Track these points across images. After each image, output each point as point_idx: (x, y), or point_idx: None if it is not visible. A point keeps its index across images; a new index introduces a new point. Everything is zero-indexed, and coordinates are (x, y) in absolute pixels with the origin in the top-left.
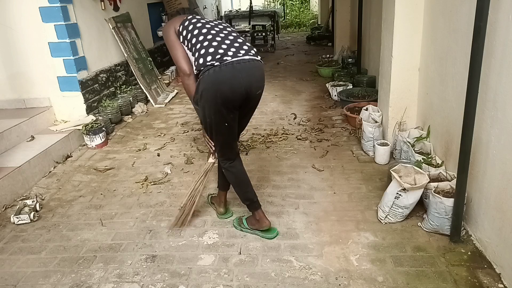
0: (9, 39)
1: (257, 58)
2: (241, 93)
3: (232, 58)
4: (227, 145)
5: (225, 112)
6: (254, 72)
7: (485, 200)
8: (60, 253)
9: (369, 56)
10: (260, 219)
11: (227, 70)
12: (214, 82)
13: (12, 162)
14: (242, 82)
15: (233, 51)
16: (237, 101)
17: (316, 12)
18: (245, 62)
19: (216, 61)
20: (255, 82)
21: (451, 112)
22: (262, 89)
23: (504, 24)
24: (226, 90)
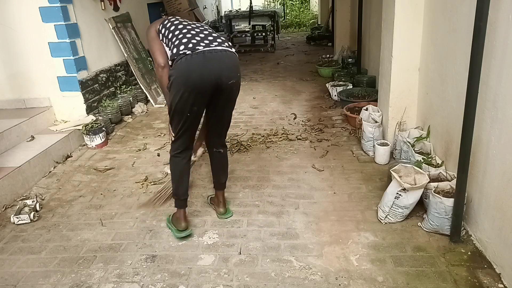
0: (9, 39)
1: (231, 50)
2: (211, 82)
3: (204, 47)
4: (183, 135)
5: (191, 101)
6: (225, 61)
7: (485, 200)
8: (60, 253)
9: (369, 56)
10: (178, 219)
11: (198, 58)
12: (184, 69)
13: (12, 162)
14: (212, 70)
15: (206, 42)
16: (207, 90)
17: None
18: (216, 52)
19: (188, 50)
20: (226, 72)
21: (451, 112)
22: (236, 80)
23: (504, 24)
24: (196, 78)
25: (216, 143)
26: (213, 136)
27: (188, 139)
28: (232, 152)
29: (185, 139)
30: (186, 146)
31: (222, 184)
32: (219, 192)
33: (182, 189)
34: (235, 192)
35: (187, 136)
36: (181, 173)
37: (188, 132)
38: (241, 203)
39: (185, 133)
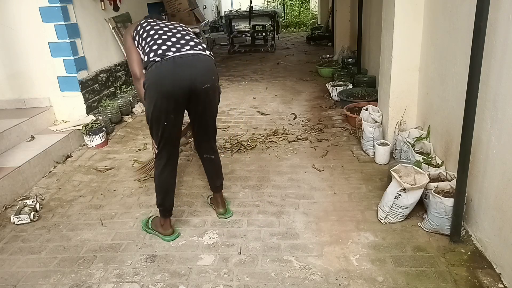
0: (9, 39)
1: (204, 53)
2: (184, 88)
3: (175, 53)
4: (163, 143)
5: (166, 109)
6: (197, 65)
7: (485, 200)
8: (60, 253)
9: (369, 56)
10: (165, 226)
11: (167, 65)
12: (155, 77)
13: (12, 162)
14: (184, 76)
15: (177, 47)
16: (180, 97)
17: (316, 12)
18: (187, 57)
19: (157, 57)
20: (199, 76)
21: (451, 112)
22: (211, 84)
23: (504, 24)
24: (167, 85)
25: (206, 149)
26: (201, 142)
27: (171, 149)
28: (232, 152)
29: (169, 149)
30: (170, 155)
31: (218, 187)
32: (217, 194)
33: (169, 201)
34: (235, 192)
35: (170, 145)
36: (168, 185)
37: (170, 142)
38: (241, 203)
39: (167, 142)
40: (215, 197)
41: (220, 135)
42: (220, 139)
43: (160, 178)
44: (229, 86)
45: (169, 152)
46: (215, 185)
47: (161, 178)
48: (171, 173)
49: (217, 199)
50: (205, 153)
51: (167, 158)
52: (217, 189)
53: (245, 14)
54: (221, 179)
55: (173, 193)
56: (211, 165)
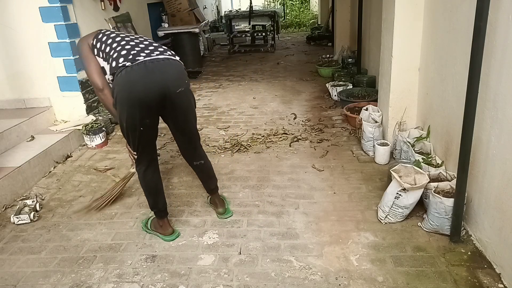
0: (9, 39)
1: (174, 58)
2: (156, 93)
3: (145, 57)
4: (141, 148)
5: (140, 115)
6: (168, 70)
7: (485, 200)
8: (60, 253)
9: (369, 56)
10: (164, 226)
11: (139, 70)
12: (125, 82)
13: (12, 162)
14: (156, 80)
15: (147, 52)
16: (154, 102)
17: (316, 12)
18: (158, 61)
19: (127, 62)
20: (171, 81)
21: (451, 112)
22: (184, 88)
23: (504, 24)
24: (139, 90)
25: (193, 157)
26: (187, 151)
27: (151, 151)
28: (232, 152)
29: (148, 152)
30: (151, 158)
31: (213, 190)
32: (214, 195)
33: (161, 201)
34: (235, 192)
35: (149, 148)
36: (156, 186)
37: (149, 145)
38: (241, 203)
39: (145, 146)
40: (213, 198)
41: (220, 135)
42: (220, 139)
43: (145, 182)
44: (229, 86)
45: (149, 155)
46: (209, 188)
47: (146, 182)
48: (154, 174)
49: (215, 199)
50: (194, 160)
51: (148, 161)
52: (212, 191)
53: (245, 14)
54: (215, 181)
55: (163, 193)
56: (203, 171)
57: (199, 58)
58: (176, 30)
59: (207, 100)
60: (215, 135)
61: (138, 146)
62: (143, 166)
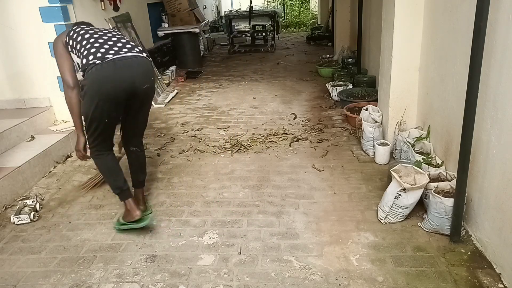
0: (9, 39)
1: (142, 55)
2: (125, 89)
3: (114, 55)
4: (102, 141)
5: (108, 108)
6: (136, 67)
7: (485, 200)
8: (60, 253)
9: (369, 56)
10: (131, 210)
11: (108, 67)
12: (96, 79)
13: (12, 162)
14: (124, 77)
15: (115, 49)
16: (122, 97)
17: (316, 12)
18: (127, 59)
19: (97, 60)
20: (138, 78)
21: (451, 112)
22: (150, 84)
23: (504, 24)
24: (109, 87)
25: (133, 142)
26: (129, 135)
27: (109, 140)
28: (232, 152)
29: (106, 140)
30: (110, 146)
31: (141, 182)
32: (138, 190)
33: (120, 180)
34: (235, 192)
35: (111, 138)
36: (114, 166)
37: (111, 135)
38: (241, 203)
39: (109, 136)
40: (136, 194)
41: (220, 135)
42: (220, 139)
43: (107, 165)
44: (229, 86)
45: (109, 143)
46: (138, 179)
47: (108, 165)
48: (109, 156)
49: (138, 196)
50: (132, 146)
51: (108, 148)
52: (139, 184)
53: (245, 14)
54: (145, 175)
55: (122, 173)
56: (137, 159)
57: (199, 58)
58: (176, 30)
59: (207, 100)
60: (215, 135)
61: (100, 135)
62: (105, 152)
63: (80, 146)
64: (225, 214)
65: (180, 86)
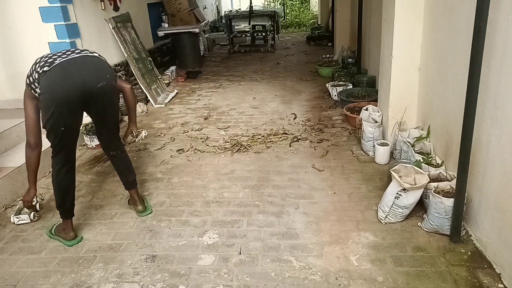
0: (9, 39)
1: (91, 54)
2: (77, 90)
3: (62, 59)
4: (59, 148)
5: (64, 115)
6: (86, 66)
7: (485, 200)
8: (60, 253)
9: (369, 56)
10: (66, 229)
11: (56, 71)
12: (47, 85)
13: (12, 162)
14: (75, 78)
15: (63, 55)
16: (75, 100)
17: (316, 12)
18: (75, 59)
19: (46, 66)
20: (89, 76)
21: (451, 112)
22: (106, 82)
23: (504, 24)
24: (59, 91)
25: (111, 147)
26: (105, 141)
27: (69, 153)
28: (232, 152)
29: (66, 153)
30: (67, 159)
31: (131, 183)
32: (132, 191)
33: (69, 201)
34: (235, 192)
35: (68, 150)
36: (67, 185)
37: (68, 146)
38: (241, 203)
39: (64, 147)
40: (132, 195)
41: (220, 135)
42: (220, 139)
43: (57, 180)
44: (229, 86)
45: (66, 155)
46: (127, 180)
47: (58, 180)
48: (67, 174)
49: (134, 196)
50: (111, 150)
51: (64, 161)
52: (130, 185)
53: (245, 14)
54: (134, 175)
55: (73, 194)
56: (120, 162)
57: (199, 58)
58: (176, 30)
59: (207, 100)
60: (215, 135)
61: (57, 145)
62: (57, 165)
63: (28, 198)
64: (225, 214)
65: (180, 86)
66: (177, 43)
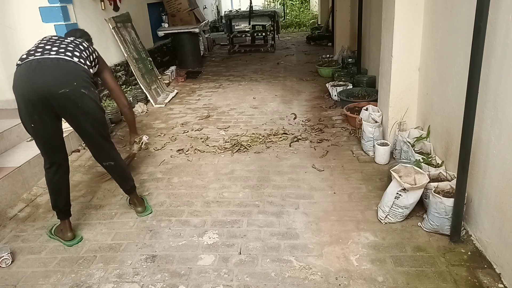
0: (9, 39)
1: (67, 58)
2: (37, 91)
3: (35, 57)
4: (41, 147)
5: (27, 110)
6: (53, 69)
7: (485, 200)
8: (60, 253)
9: (369, 56)
10: (64, 230)
11: (23, 68)
12: (14, 80)
13: (12, 162)
14: (35, 79)
15: (41, 51)
16: (36, 100)
17: (316, 12)
18: (46, 61)
19: (19, 60)
20: (52, 80)
21: (451, 112)
22: (70, 89)
23: (504, 24)
24: (20, 88)
25: (99, 157)
26: (92, 150)
27: (52, 154)
28: (232, 152)
29: (48, 154)
30: (53, 160)
31: (128, 190)
32: (131, 196)
33: (62, 201)
34: (235, 192)
35: (49, 151)
36: (57, 186)
37: (48, 147)
38: (241, 203)
39: (44, 146)
40: (131, 198)
41: (220, 135)
42: (220, 139)
43: (47, 180)
44: (229, 86)
45: (49, 157)
46: (125, 188)
47: (47, 180)
48: (55, 175)
49: (133, 199)
50: (101, 161)
51: (50, 162)
52: (128, 191)
53: (245, 14)
54: (130, 182)
55: (66, 195)
56: (113, 172)
57: (199, 58)
58: (176, 30)
59: (207, 100)
60: (215, 135)
61: (36, 144)
62: (46, 164)
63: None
64: (225, 214)
65: (180, 86)
66: (177, 43)
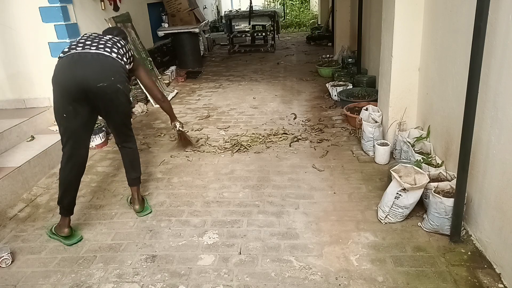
0: (9, 39)
1: (107, 53)
2: (77, 84)
3: (77, 50)
4: (66, 138)
5: (63, 100)
6: (92, 63)
7: (485, 200)
8: (60, 253)
9: (369, 56)
10: (62, 225)
11: (65, 60)
12: (55, 70)
13: (12, 162)
14: (76, 72)
15: (81, 46)
16: (73, 92)
17: (316, 12)
18: (86, 55)
19: (62, 53)
20: (92, 74)
21: (451, 112)
22: (108, 84)
23: (504, 24)
24: (61, 78)
25: (119, 139)
26: (113, 133)
27: (74, 146)
28: (232, 152)
29: (72, 145)
30: (72, 153)
31: (134, 180)
32: (133, 188)
33: (68, 199)
34: (235, 192)
35: (73, 142)
36: (69, 183)
37: (73, 138)
38: (241, 203)
39: (69, 138)
40: (132, 193)
41: (220, 135)
42: (220, 139)
43: (61, 173)
44: (229, 86)
45: (72, 149)
46: (131, 177)
47: (61, 174)
48: (72, 171)
49: (133, 194)
50: (120, 143)
51: (69, 155)
52: (133, 182)
53: (245, 14)
54: (138, 173)
55: (74, 192)
56: (126, 156)
57: (199, 58)
58: (176, 30)
59: (207, 100)
60: (215, 135)
61: (63, 135)
62: (64, 157)
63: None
64: (225, 214)
65: (180, 86)
66: (177, 43)
